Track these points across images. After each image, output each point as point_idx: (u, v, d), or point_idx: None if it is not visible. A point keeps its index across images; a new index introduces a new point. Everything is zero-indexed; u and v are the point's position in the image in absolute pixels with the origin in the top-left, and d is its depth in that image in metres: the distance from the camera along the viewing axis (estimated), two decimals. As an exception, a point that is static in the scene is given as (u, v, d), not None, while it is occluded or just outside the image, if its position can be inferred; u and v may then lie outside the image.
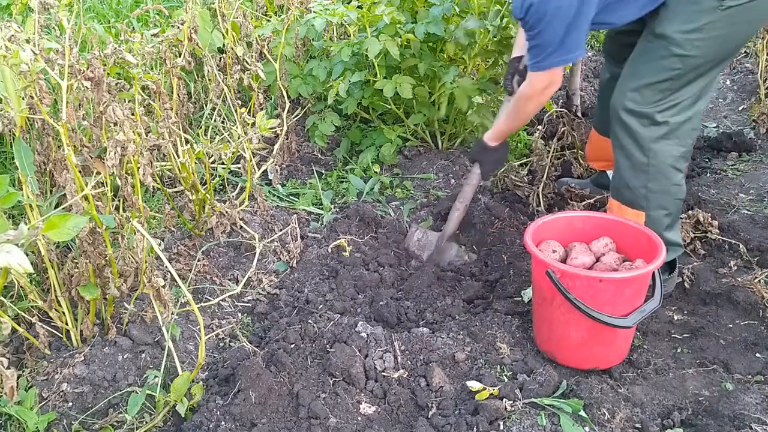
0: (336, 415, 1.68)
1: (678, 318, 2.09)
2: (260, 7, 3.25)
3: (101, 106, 1.70)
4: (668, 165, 1.98)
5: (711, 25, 1.82)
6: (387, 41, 2.62)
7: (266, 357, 1.84)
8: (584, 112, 3.26)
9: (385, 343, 1.89)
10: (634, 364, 1.89)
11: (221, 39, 2.63)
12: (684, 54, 1.85)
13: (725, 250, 2.38)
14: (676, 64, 1.87)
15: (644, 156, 1.98)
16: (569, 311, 1.76)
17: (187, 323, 2.03)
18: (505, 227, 2.51)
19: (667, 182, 2.00)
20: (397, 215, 2.65)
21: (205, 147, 2.36)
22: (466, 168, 2.95)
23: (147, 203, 2.49)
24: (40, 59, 1.58)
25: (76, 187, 1.62)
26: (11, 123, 1.63)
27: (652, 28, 1.93)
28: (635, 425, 1.67)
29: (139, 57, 2.09)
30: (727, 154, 3.22)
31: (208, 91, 2.98)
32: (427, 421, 1.68)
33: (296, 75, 2.96)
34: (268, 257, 2.39)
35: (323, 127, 3.03)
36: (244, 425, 1.63)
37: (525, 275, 2.24)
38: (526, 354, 1.92)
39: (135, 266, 1.86)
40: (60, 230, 1.44)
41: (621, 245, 1.96)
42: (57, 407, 1.69)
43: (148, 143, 1.92)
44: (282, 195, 2.79)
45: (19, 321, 1.83)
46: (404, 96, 2.70)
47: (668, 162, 1.98)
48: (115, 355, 1.82)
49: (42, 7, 1.70)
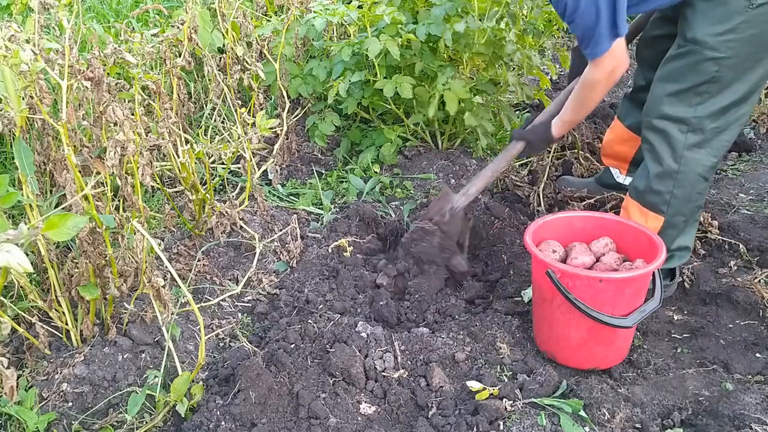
0: (336, 415, 1.68)
1: (678, 318, 2.09)
2: (260, 7, 3.25)
3: (101, 106, 1.70)
4: (697, 174, 1.97)
5: (743, 24, 1.80)
6: (387, 41, 2.61)
7: (266, 357, 1.84)
8: (584, 112, 3.25)
9: (385, 343, 1.89)
10: (634, 364, 1.89)
11: (221, 39, 2.63)
12: (719, 56, 1.83)
13: (725, 250, 2.38)
14: (711, 67, 1.85)
15: (675, 163, 1.97)
16: (569, 311, 1.76)
17: (187, 323, 2.03)
18: (505, 227, 2.51)
19: (691, 190, 1.99)
20: (397, 215, 2.65)
21: (205, 147, 2.36)
22: (466, 168, 2.95)
23: (147, 203, 2.49)
24: (40, 59, 1.57)
25: (76, 187, 1.62)
26: (11, 123, 1.63)
27: (683, 33, 1.91)
28: (635, 425, 1.67)
29: (139, 57, 2.08)
30: (727, 154, 3.22)
31: (208, 91, 2.98)
32: (427, 421, 1.68)
33: (296, 75, 2.96)
34: (268, 257, 2.39)
35: (323, 127, 3.03)
36: (244, 425, 1.63)
37: (525, 275, 2.24)
38: (526, 354, 1.92)
39: (135, 266, 1.86)
40: (59, 230, 1.43)
41: (621, 245, 1.96)
42: (57, 407, 1.69)
43: (148, 143, 1.91)
44: (282, 195, 2.79)
45: (19, 321, 1.83)
46: (404, 96, 2.70)
47: (698, 171, 1.96)
48: (115, 355, 1.82)
49: (42, 7, 1.70)
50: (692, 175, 1.97)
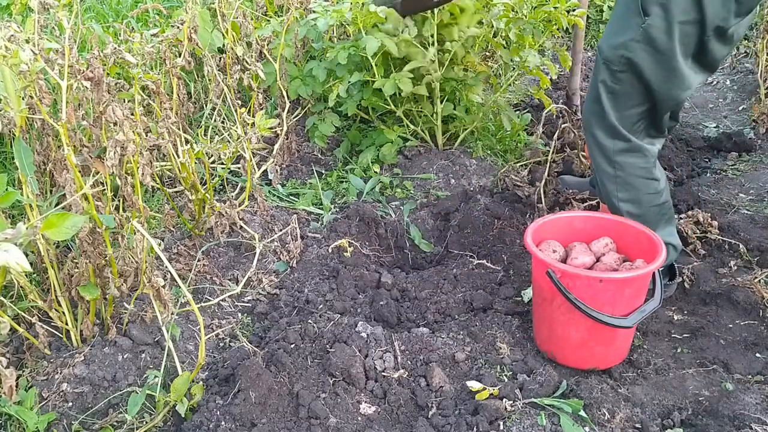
0: (336, 415, 1.68)
1: (678, 318, 2.09)
2: (260, 7, 3.25)
3: (101, 106, 1.70)
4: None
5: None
6: (384, 39, 2.61)
7: (266, 357, 1.84)
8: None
9: (385, 343, 1.89)
10: (634, 364, 1.89)
11: (221, 39, 2.63)
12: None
13: (725, 250, 2.38)
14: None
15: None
16: (569, 311, 1.76)
17: (187, 323, 2.03)
18: (505, 227, 2.51)
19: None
20: (397, 215, 2.65)
21: (205, 147, 2.36)
22: (466, 168, 2.95)
23: (147, 203, 2.49)
24: (40, 59, 1.57)
25: (75, 187, 1.62)
26: (11, 123, 1.63)
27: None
28: (635, 425, 1.67)
29: (139, 57, 2.09)
30: (727, 154, 3.22)
31: (208, 91, 2.98)
32: (427, 421, 1.68)
33: (296, 76, 2.96)
34: (268, 257, 2.39)
35: (323, 128, 3.03)
36: (244, 425, 1.63)
37: (525, 275, 2.24)
38: (526, 354, 1.92)
39: (135, 266, 1.86)
40: (58, 229, 1.43)
41: (621, 245, 1.96)
42: (57, 407, 1.69)
43: (148, 143, 1.91)
44: (282, 195, 2.79)
45: (19, 321, 1.83)
46: (405, 90, 2.68)
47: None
48: (115, 355, 1.82)
49: (41, 7, 1.70)
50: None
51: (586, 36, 4.74)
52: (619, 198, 2.03)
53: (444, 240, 2.56)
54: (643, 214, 2.03)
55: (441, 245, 2.55)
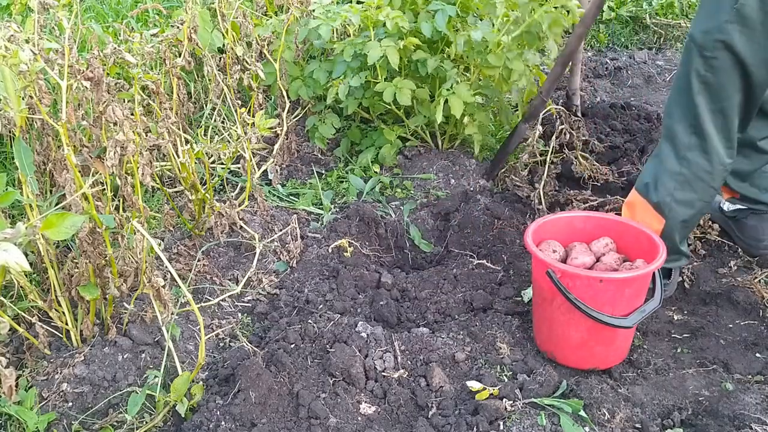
0: (336, 415, 1.68)
1: (678, 318, 2.09)
2: (260, 7, 3.25)
3: (101, 106, 1.70)
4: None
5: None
6: (388, 48, 2.60)
7: (266, 357, 1.84)
8: (584, 112, 3.26)
9: (385, 343, 1.89)
10: (634, 364, 1.89)
11: (221, 39, 2.63)
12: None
13: (725, 250, 2.38)
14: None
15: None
16: (569, 311, 1.76)
17: (187, 323, 2.03)
18: (505, 227, 2.51)
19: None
20: (397, 215, 2.65)
21: (205, 147, 2.36)
22: (466, 168, 2.95)
23: (147, 203, 2.49)
24: (40, 59, 1.58)
25: (75, 187, 1.62)
26: (11, 123, 1.63)
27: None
28: (635, 425, 1.67)
29: (139, 57, 2.09)
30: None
31: (208, 91, 2.98)
32: (427, 421, 1.68)
33: (296, 77, 2.96)
34: (268, 257, 2.39)
35: (323, 130, 3.03)
36: (244, 425, 1.63)
37: (525, 275, 2.24)
38: (526, 354, 1.92)
39: (135, 266, 1.86)
40: (57, 229, 1.43)
41: (621, 245, 1.96)
42: (57, 407, 1.69)
43: (148, 143, 1.91)
44: (282, 195, 2.79)
45: (19, 321, 1.83)
46: (403, 103, 2.69)
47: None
48: (115, 355, 1.82)
49: (41, 7, 1.70)
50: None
51: (586, 36, 4.72)
52: (676, 198, 1.95)
53: (444, 240, 2.56)
54: (689, 220, 1.99)
55: (441, 245, 2.55)
